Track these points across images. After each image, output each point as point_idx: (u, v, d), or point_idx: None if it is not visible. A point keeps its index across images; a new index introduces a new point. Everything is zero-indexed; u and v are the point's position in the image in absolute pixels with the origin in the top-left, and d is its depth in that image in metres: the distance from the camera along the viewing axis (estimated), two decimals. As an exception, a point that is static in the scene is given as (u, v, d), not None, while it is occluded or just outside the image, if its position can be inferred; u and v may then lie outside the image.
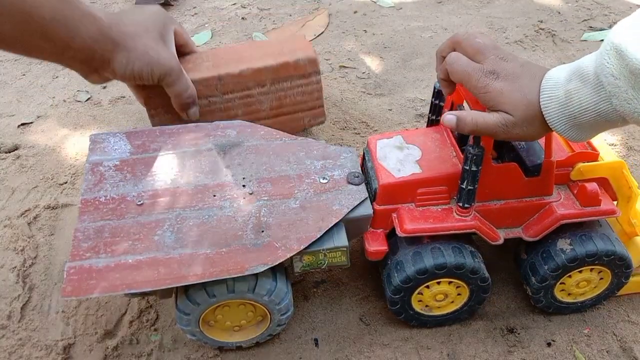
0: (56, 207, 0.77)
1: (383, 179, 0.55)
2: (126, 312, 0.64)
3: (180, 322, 0.53)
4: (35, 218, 0.75)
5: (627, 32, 0.39)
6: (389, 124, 0.92)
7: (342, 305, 0.65)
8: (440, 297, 0.58)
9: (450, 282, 0.57)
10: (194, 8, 1.31)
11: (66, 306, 0.64)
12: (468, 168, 0.51)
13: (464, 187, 0.52)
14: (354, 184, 0.57)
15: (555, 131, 0.46)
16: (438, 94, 0.60)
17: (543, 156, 0.53)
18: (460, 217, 0.55)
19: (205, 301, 0.52)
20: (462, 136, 0.59)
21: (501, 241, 0.57)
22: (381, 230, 0.58)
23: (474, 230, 0.55)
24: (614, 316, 0.63)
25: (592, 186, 0.54)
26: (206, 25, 1.23)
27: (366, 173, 0.59)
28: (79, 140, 0.90)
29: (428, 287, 0.57)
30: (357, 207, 0.55)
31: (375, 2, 1.30)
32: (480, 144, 0.50)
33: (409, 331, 0.62)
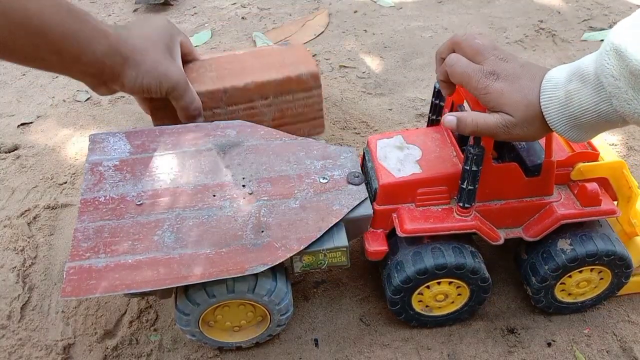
0: (56, 207, 0.77)
1: (383, 179, 0.55)
2: (126, 312, 0.64)
3: (180, 322, 0.53)
4: (35, 218, 0.75)
5: (627, 33, 0.39)
6: (389, 124, 0.91)
7: (342, 306, 0.65)
8: (440, 297, 0.58)
9: (450, 283, 0.57)
10: (193, 8, 1.31)
11: (66, 306, 0.64)
12: (468, 168, 0.51)
13: (464, 187, 0.52)
14: (354, 184, 0.57)
15: (555, 132, 0.45)
16: (438, 93, 0.60)
17: (543, 156, 0.53)
18: (461, 217, 0.55)
19: (205, 301, 0.52)
20: (463, 136, 0.59)
21: (501, 241, 0.57)
22: (381, 230, 0.58)
23: (474, 231, 0.55)
24: (614, 316, 0.63)
25: (593, 186, 0.54)
26: (206, 25, 1.23)
27: (366, 173, 0.59)
28: (78, 140, 0.90)
29: (428, 287, 0.57)
30: (357, 207, 0.55)
31: (375, 2, 1.30)
32: (481, 144, 0.50)
33: (409, 331, 0.62)
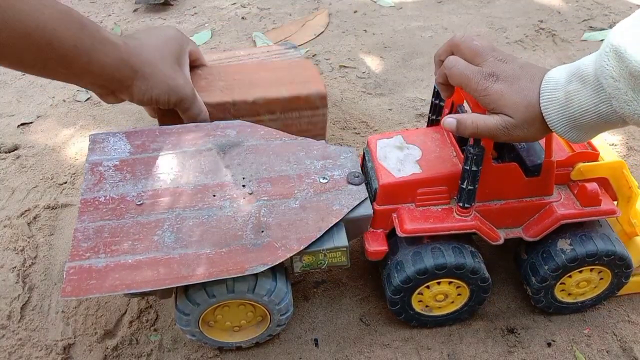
0: (56, 207, 0.77)
1: (383, 179, 0.55)
2: (126, 312, 0.64)
3: (180, 322, 0.53)
4: (35, 218, 0.75)
5: (626, 34, 0.39)
6: (389, 124, 0.91)
7: (342, 306, 0.65)
8: (440, 297, 0.58)
9: (450, 282, 0.57)
10: (193, 8, 1.31)
11: (66, 306, 0.64)
12: (468, 168, 0.51)
13: (464, 187, 0.52)
14: (354, 184, 0.57)
15: (555, 132, 0.45)
16: (438, 94, 0.59)
17: (543, 156, 0.53)
18: (461, 217, 0.55)
19: (205, 301, 0.52)
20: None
21: (501, 241, 0.57)
22: (381, 230, 0.58)
23: (474, 231, 0.55)
24: (614, 316, 0.63)
25: (593, 186, 0.54)
26: (206, 25, 1.23)
27: (366, 173, 0.59)
28: (78, 140, 0.90)
29: (428, 287, 0.57)
30: (357, 207, 0.55)
31: (375, 2, 1.30)
32: (481, 144, 0.50)
33: (409, 331, 0.62)
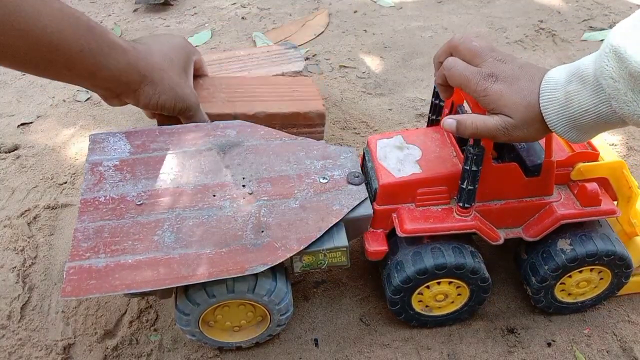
0: (56, 207, 0.77)
1: (383, 179, 0.55)
2: (126, 312, 0.64)
3: (180, 322, 0.53)
4: (35, 218, 0.75)
5: (626, 35, 0.39)
6: (389, 124, 0.91)
7: (342, 306, 0.65)
8: (440, 297, 0.58)
9: (450, 282, 0.57)
10: (193, 8, 1.31)
11: (66, 306, 0.64)
12: (468, 168, 0.51)
13: (464, 187, 0.52)
14: (354, 184, 0.57)
15: (555, 132, 0.45)
16: (438, 94, 0.59)
17: (543, 156, 0.53)
18: (461, 217, 0.55)
19: (205, 301, 0.52)
20: (462, 136, 0.59)
21: (501, 241, 0.57)
22: (381, 230, 0.58)
23: (474, 230, 0.55)
24: (614, 316, 0.63)
25: (592, 186, 0.54)
26: (206, 25, 1.23)
27: (366, 173, 0.59)
28: (78, 140, 0.90)
29: (428, 287, 0.57)
30: (357, 207, 0.55)
31: (375, 2, 1.30)
32: (481, 144, 0.50)
33: (409, 331, 0.62)
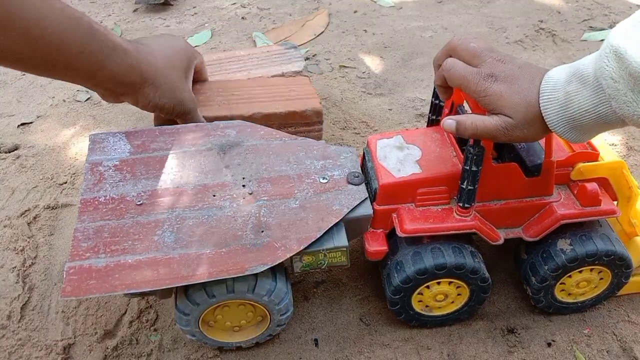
0: (56, 207, 0.77)
1: (383, 179, 0.55)
2: (126, 312, 0.64)
3: (180, 322, 0.53)
4: (35, 218, 0.75)
5: (627, 35, 0.39)
6: (389, 124, 0.91)
7: (342, 306, 0.65)
8: (440, 297, 0.58)
9: (450, 283, 0.57)
10: (193, 8, 1.31)
11: (66, 306, 0.64)
12: (468, 168, 0.51)
13: (464, 187, 0.52)
14: (354, 184, 0.57)
15: (555, 133, 0.45)
16: (438, 94, 0.59)
17: (543, 156, 0.53)
18: (461, 217, 0.55)
19: (205, 301, 0.52)
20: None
21: (501, 241, 0.57)
22: (381, 230, 0.58)
23: (474, 231, 0.55)
24: (614, 316, 0.63)
25: (592, 186, 0.54)
26: (206, 25, 1.23)
27: (366, 173, 0.59)
28: (78, 140, 0.90)
29: (428, 287, 0.57)
30: (357, 207, 0.55)
31: (375, 2, 1.30)
32: (481, 144, 0.50)
33: (409, 331, 0.62)
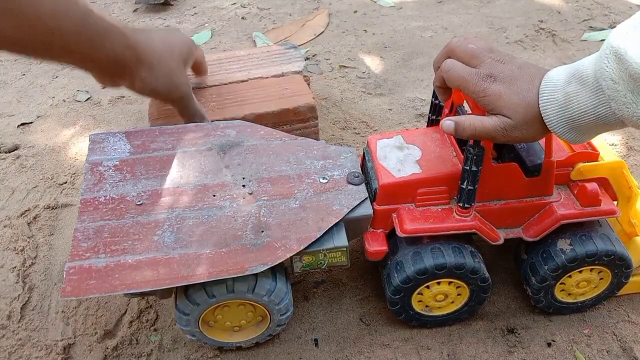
0: (56, 207, 0.77)
1: (383, 179, 0.55)
2: (126, 312, 0.64)
3: (180, 322, 0.53)
4: (35, 218, 0.75)
5: (627, 36, 0.39)
6: (389, 124, 0.91)
7: (342, 306, 0.65)
8: (440, 297, 0.58)
9: (450, 283, 0.57)
10: (193, 8, 1.31)
11: (66, 306, 0.64)
12: (468, 168, 0.51)
13: (464, 187, 0.52)
14: (354, 184, 0.57)
15: (554, 133, 0.45)
16: (438, 94, 0.59)
17: (543, 156, 0.53)
18: (461, 217, 0.55)
19: (205, 301, 0.52)
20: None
21: (501, 241, 0.57)
22: (381, 230, 0.58)
23: (474, 231, 0.55)
24: (614, 316, 0.63)
25: (592, 186, 0.54)
26: (206, 25, 1.23)
27: (366, 173, 0.59)
28: (78, 140, 0.90)
29: (428, 287, 0.57)
30: (357, 207, 0.55)
31: (375, 2, 1.30)
32: (481, 144, 0.50)
33: (409, 331, 0.62)
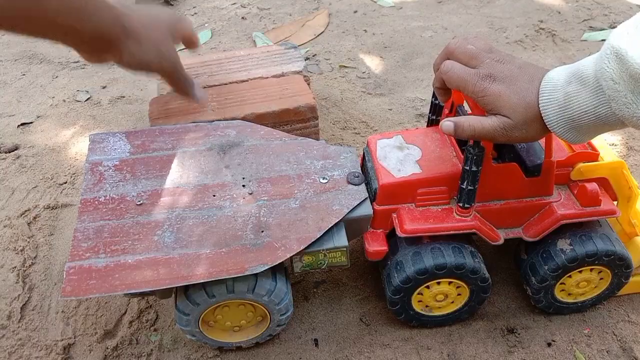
0: (56, 207, 0.77)
1: (383, 179, 0.55)
2: (126, 312, 0.64)
3: (180, 322, 0.53)
4: (35, 218, 0.75)
5: (628, 36, 0.39)
6: (389, 124, 0.91)
7: (342, 306, 0.65)
8: (440, 297, 0.58)
9: (450, 283, 0.57)
10: (193, 8, 1.31)
11: (66, 306, 0.64)
12: (468, 168, 0.51)
13: (464, 187, 0.52)
14: (354, 184, 0.57)
15: (554, 133, 0.45)
16: (438, 94, 0.59)
17: (543, 156, 0.53)
18: (461, 217, 0.55)
19: (205, 301, 0.52)
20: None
21: (501, 241, 0.57)
22: (381, 230, 0.58)
23: (474, 231, 0.55)
24: (614, 316, 0.63)
25: (592, 186, 0.54)
26: (206, 25, 1.23)
27: (366, 173, 0.59)
28: (78, 140, 0.90)
29: (428, 287, 0.57)
30: (357, 207, 0.55)
31: (375, 2, 1.30)
32: (481, 144, 0.50)
33: (409, 331, 0.62)
